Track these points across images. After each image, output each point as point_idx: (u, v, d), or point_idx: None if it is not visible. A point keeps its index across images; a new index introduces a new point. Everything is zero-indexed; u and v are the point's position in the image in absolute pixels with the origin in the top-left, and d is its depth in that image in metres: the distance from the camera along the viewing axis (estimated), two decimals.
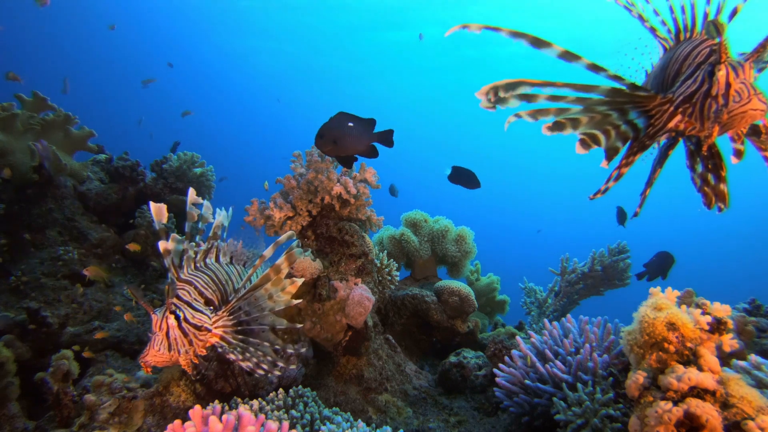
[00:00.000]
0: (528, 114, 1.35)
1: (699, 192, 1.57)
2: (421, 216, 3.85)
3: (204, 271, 1.85)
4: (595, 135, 1.39)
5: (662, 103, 1.42)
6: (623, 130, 1.42)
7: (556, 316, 4.08)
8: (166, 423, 1.86)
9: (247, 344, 1.76)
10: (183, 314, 1.62)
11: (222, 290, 1.87)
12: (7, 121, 3.29)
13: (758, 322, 2.05)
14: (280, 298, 1.76)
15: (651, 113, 1.44)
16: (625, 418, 1.64)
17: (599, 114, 1.36)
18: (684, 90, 1.36)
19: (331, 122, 2.24)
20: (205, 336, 1.69)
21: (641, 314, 1.46)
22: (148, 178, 4.22)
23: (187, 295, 1.70)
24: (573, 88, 1.31)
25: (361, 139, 2.29)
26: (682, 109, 1.38)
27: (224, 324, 1.75)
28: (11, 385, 2.12)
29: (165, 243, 1.64)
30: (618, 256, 4.17)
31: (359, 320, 2.45)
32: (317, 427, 1.78)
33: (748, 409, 1.26)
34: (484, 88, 1.29)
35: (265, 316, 1.81)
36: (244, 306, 1.77)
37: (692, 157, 1.60)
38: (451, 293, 3.19)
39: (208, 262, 1.95)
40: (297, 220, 2.65)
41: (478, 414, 2.49)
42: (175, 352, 1.60)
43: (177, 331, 1.60)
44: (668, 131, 1.49)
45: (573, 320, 2.29)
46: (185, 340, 1.62)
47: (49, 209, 3.46)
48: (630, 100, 1.40)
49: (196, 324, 1.65)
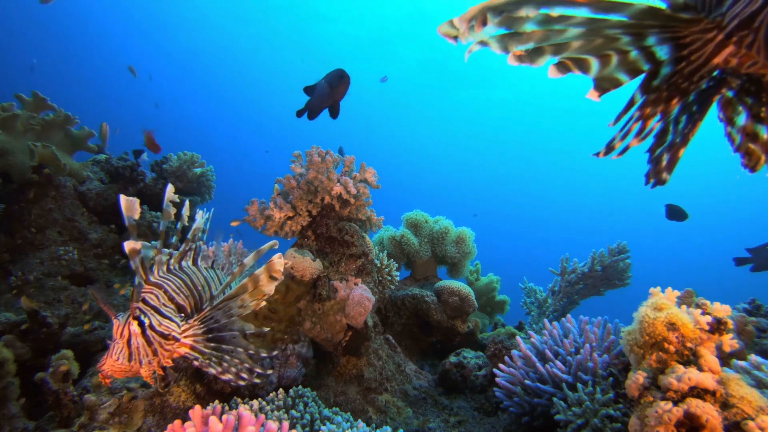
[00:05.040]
0: (496, 41, 0.97)
1: (738, 151, 1.22)
2: (422, 216, 3.85)
3: (178, 275, 1.71)
4: (582, 60, 1.03)
5: (705, 29, 1.02)
6: (632, 59, 1.03)
7: (556, 316, 4.08)
8: (166, 423, 1.86)
9: (221, 352, 1.65)
10: (149, 320, 1.49)
11: (197, 296, 1.74)
12: (7, 122, 3.29)
13: (758, 322, 2.05)
14: (249, 303, 1.64)
15: (684, 41, 1.05)
16: (625, 418, 1.64)
17: (603, 38, 1.00)
18: (740, 10, 0.96)
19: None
20: (173, 346, 1.56)
21: (641, 314, 1.46)
22: (148, 178, 4.23)
23: (156, 299, 1.56)
24: (595, 8, 0.93)
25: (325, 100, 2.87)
26: (738, 38, 0.99)
27: (194, 333, 1.62)
28: (11, 385, 2.12)
29: (131, 243, 1.48)
30: (618, 256, 4.17)
31: (359, 320, 2.45)
32: (317, 427, 1.77)
33: (748, 409, 1.26)
34: (470, 12, 0.91)
35: (234, 322, 1.70)
36: (216, 315, 1.65)
37: (730, 105, 1.22)
38: (451, 293, 3.19)
39: (185, 266, 1.82)
40: (297, 220, 2.65)
41: (478, 414, 2.49)
42: (136, 363, 1.46)
43: (140, 339, 1.47)
44: (712, 68, 1.09)
45: (573, 320, 2.29)
46: (149, 349, 1.48)
47: (49, 209, 3.46)
48: (660, 24, 1.01)
49: (162, 332, 1.51)
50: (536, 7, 0.91)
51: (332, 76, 2.76)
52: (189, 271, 1.79)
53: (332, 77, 2.75)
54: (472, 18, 0.92)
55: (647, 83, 1.08)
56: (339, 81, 2.72)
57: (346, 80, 2.72)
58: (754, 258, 4.03)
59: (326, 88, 2.74)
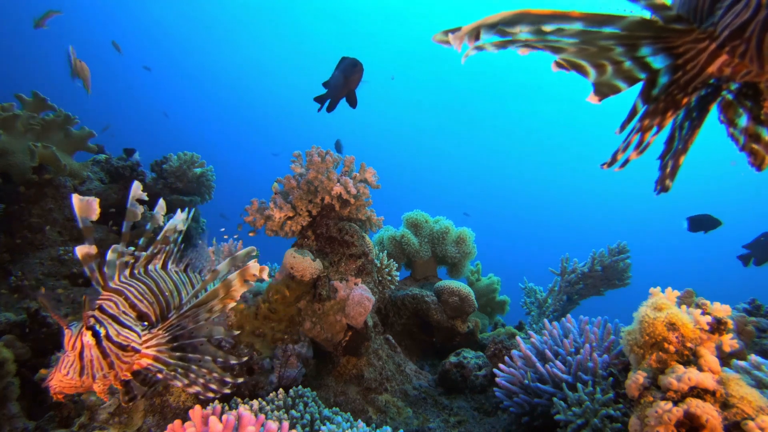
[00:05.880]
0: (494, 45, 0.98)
1: (743, 150, 1.23)
2: (422, 217, 3.84)
3: (142, 280, 1.60)
4: (578, 64, 1.04)
5: (698, 39, 1.03)
6: (626, 68, 1.05)
7: (556, 316, 4.08)
8: (166, 423, 1.86)
9: (188, 362, 1.53)
10: (105, 330, 1.37)
11: (163, 303, 1.63)
12: (7, 122, 3.29)
13: (758, 322, 2.05)
14: (217, 308, 1.54)
15: (677, 51, 1.05)
16: (625, 418, 1.64)
17: (596, 47, 1.01)
18: (731, 20, 0.96)
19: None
20: (132, 357, 1.44)
21: (641, 314, 1.46)
22: (148, 178, 4.23)
23: (114, 307, 1.45)
24: (589, 22, 0.93)
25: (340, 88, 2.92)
26: (730, 48, 0.99)
27: (158, 342, 1.50)
28: (11, 385, 2.12)
29: (84, 247, 1.37)
30: (618, 256, 4.17)
31: (359, 320, 2.45)
32: (317, 427, 1.77)
33: (748, 409, 1.26)
34: (465, 29, 0.91)
35: (201, 327, 1.58)
36: (184, 322, 1.55)
37: (730, 108, 1.24)
38: (451, 293, 3.19)
39: (151, 270, 1.70)
40: (297, 220, 2.65)
41: (478, 414, 2.49)
42: (88, 377, 1.34)
43: (95, 350, 1.34)
44: (707, 77, 1.09)
45: (573, 320, 2.29)
46: (104, 362, 1.37)
47: (49, 209, 3.46)
48: (652, 35, 1.01)
49: (120, 343, 1.39)
50: (530, 25, 0.92)
51: (345, 66, 2.79)
52: (156, 276, 1.68)
53: (345, 66, 2.78)
54: (466, 35, 0.92)
55: (647, 92, 1.09)
56: (352, 70, 2.77)
57: (359, 69, 2.77)
58: (753, 252, 4.03)
59: (340, 78, 2.79)
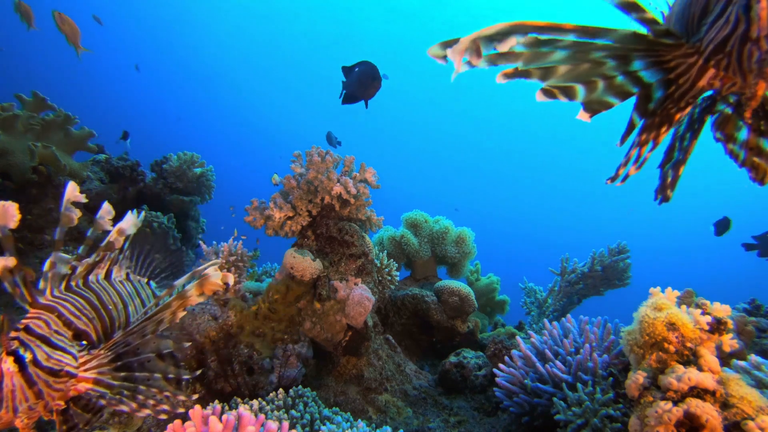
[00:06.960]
0: (485, 60, 0.96)
1: (744, 166, 1.21)
2: (422, 217, 3.85)
3: (80, 293, 1.44)
4: (568, 88, 1.03)
5: (687, 53, 1.03)
6: (618, 83, 1.04)
7: (556, 316, 4.08)
8: (166, 423, 1.86)
9: (135, 382, 1.37)
10: (31, 355, 1.20)
11: (107, 318, 1.47)
12: (7, 122, 3.29)
13: (758, 322, 2.05)
14: (166, 317, 1.38)
15: (669, 66, 1.05)
16: (625, 418, 1.64)
17: (589, 62, 1.01)
18: (714, 35, 0.97)
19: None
20: (66, 383, 1.27)
21: (641, 314, 1.46)
22: (148, 178, 4.23)
23: (44, 327, 1.27)
24: (581, 33, 0.94)
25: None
26: (715, 61, 0.99)
27: (99, 363, 1.33)
28: None
29: (2, 260, 1.23)
30: (618, 256, 4.17)
31: (359, 320, 2.45)
32: (317, 427, 1.77)
33: (748, 409, 1.26)
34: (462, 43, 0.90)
35: (147, 342, 1.41)
36: (129, 339, 1.38)
37: (727, 122, 1.22)
38: (451, 293, 3.19)
39: (92, 281, 1.53)
40: (297, 220, 2.65)
41: (478, 414, 2.49)
42: (8, 412, 1.15)
43: (18, 379, 1.16)
44: (698, 91, 1.09)
45: (573, 320, 2.29)
46: (30, 391, 1.19)
47: (49, 209, 3.46)
48: (644, 48, 1.02)
49: (51, 367, 1.22)
50: (525, 36, 0.94)
51: (365, 76, 2.85)
52: (97, 288, 1.52)
53: (365, 77, 2.85)
54: (465, 50, 0.92)
55: (642, 106, 1.09)
56: (371, 83, 2.85)
57: (377, 84, 2.86)
58: (760, 245, 4.05)
59: (357, 86, 2.85)
